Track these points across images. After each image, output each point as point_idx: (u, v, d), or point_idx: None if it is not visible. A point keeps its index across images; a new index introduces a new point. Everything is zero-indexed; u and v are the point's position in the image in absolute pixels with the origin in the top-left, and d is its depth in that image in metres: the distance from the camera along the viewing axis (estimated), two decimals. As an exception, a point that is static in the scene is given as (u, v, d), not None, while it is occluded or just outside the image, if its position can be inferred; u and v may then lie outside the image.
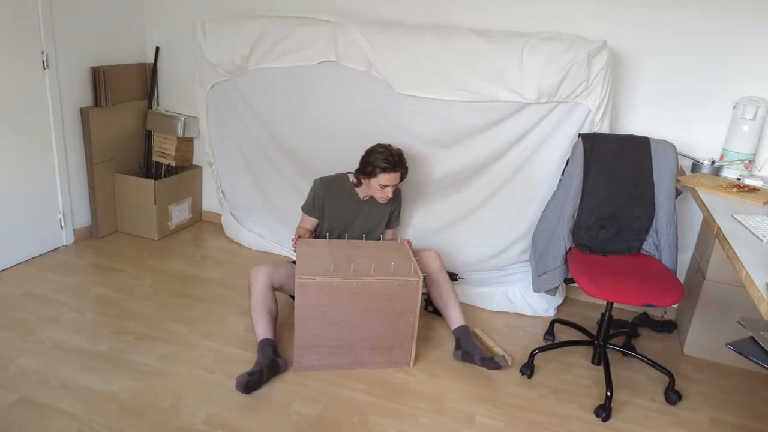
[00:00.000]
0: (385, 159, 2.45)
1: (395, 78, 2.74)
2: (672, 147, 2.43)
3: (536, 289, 2.64)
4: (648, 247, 2.50)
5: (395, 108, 2.81)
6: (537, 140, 2.68)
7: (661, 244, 2.45)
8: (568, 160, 2.54)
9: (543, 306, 2.93)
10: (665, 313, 3.04)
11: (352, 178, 2.62)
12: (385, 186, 2.49)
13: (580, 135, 2.44)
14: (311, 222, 2.70)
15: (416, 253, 2.58)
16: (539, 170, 2.73)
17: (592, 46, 2.48)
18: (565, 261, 2.46)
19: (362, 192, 2.63)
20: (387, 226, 2.77)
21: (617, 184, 2.43)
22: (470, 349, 2.38)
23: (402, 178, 2.54)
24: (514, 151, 2.73)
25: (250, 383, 2.15)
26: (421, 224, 3.02)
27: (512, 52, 2.54)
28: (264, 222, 3.45)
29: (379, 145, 2.52)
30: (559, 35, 2.59)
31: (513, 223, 2.86)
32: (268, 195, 3.34)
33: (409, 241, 2.60)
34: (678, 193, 2.44)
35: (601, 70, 2.48)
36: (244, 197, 3.44)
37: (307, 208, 2.67)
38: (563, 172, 2.56)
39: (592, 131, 2.59)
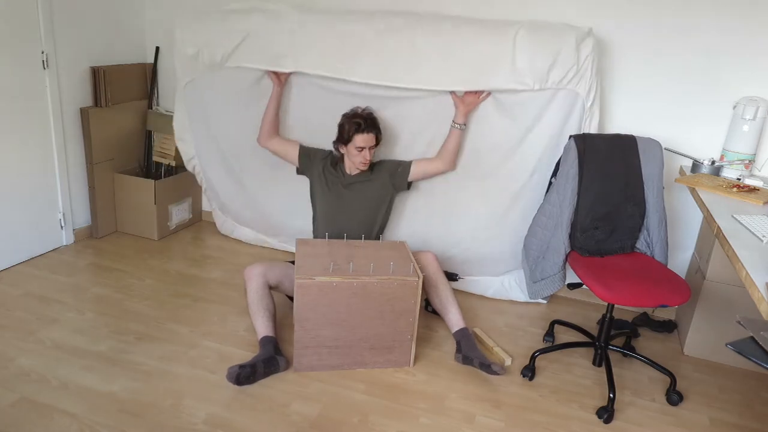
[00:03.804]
0: (356, 122, 2.55)
1: (387, 75, 2.70)
2: (658, 144, 2.44)
3: (533, 296, 2.63)
4: (640, 245, 2.50)
5: (383, 101, 2.80)
6: (529, 127, 2.69)
7: (653, 242, 2.46)
8: (558, 164, 2.53)
9: None
10: (654, 311, 3.04)
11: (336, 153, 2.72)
12: (362, 148, 2.57)
13: (571, 137, 2.42)
14: (291, 145, 2.79)
15: (413, 255, 2.58)
16: (529, 160, 2.73)
17: (579, 32, 2.53)
18: (564, 266, 2.46)
19: (348, 166, 2.69)
20: (404, 185, 2.75)
21: (610, 184, 2.43)
22: (470, 353, 2.38)
23: (377, 141, 2.61)
24: (508, 138, 2.74)
25: (241, 375, 2.15)
26: (412, 221, 3.04)
27: (503, 39, 2.55)
28: (250, 217, 3.42)
29: (350, 111, 2.61)
30: (547, 24, 2.60)
31: (502, 217, 2.88)
32: (251, 193, 3.28)
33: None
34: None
35: (588, 55, 2.52)
36: (228, 194, 3.38)
37: (304, 149, 2.79)
38: (554, 175, 2.55)
39: (583, 121, 2.63)
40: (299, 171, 2.82)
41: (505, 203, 2.84)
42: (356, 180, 2.69)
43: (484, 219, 2.90)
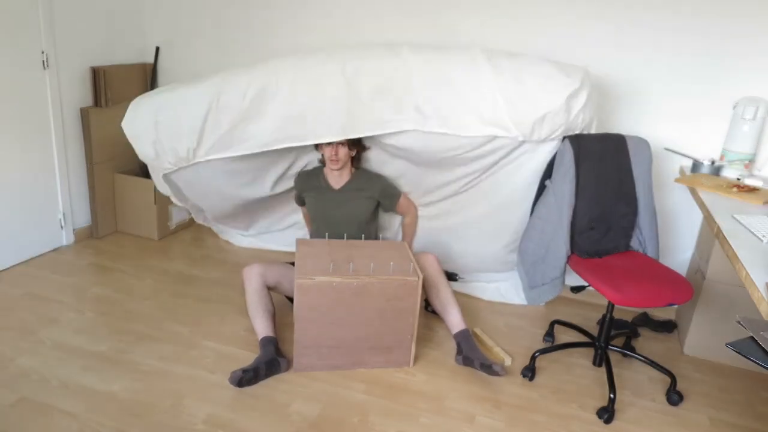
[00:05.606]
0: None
1: (362, 128, 2.47)
2: (646, 143, 2.46)
3: (531, 302, 2.59)
4: (633, 243, 2.50)
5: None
6: (517, 162, 2.59)
7: (645, 239, 2.46)
8: (550, 166, 2.51)
9: None
10: (654, 311, 3.04)
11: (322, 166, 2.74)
12: (329, 144, 2.53)
13: (565, 137, 2.40)
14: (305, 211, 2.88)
15: (414, 256, 2.58)
16: (519, 184, 2.67)
17: (570, 89, 2.30)
18: (565, 269, 2.46)
19: (333, 179, 2.69)
20: (387, 210, 2.83)
21: (604, 183, 2.43)
22: (471, 354, 2.38)
23: (348, 143, 2.57)
24: (493, 171, 2.68)
25: (244, 379, 2.15)
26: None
27: (488, 88, 2.35)
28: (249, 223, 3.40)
29: None
30: (537, 67, 2.37)
31: (493, 235, 2.87)
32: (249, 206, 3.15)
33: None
34: None
35: (581, 109, 2.36)
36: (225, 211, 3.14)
37: (297, 201, 2.93)
38: (548, 177, 2.53)
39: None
40: (301, 202, 2.92)
41: (506, 208, 2.83)
42: (346, 198, 2.68)
43: (484, 221, 2.90)
